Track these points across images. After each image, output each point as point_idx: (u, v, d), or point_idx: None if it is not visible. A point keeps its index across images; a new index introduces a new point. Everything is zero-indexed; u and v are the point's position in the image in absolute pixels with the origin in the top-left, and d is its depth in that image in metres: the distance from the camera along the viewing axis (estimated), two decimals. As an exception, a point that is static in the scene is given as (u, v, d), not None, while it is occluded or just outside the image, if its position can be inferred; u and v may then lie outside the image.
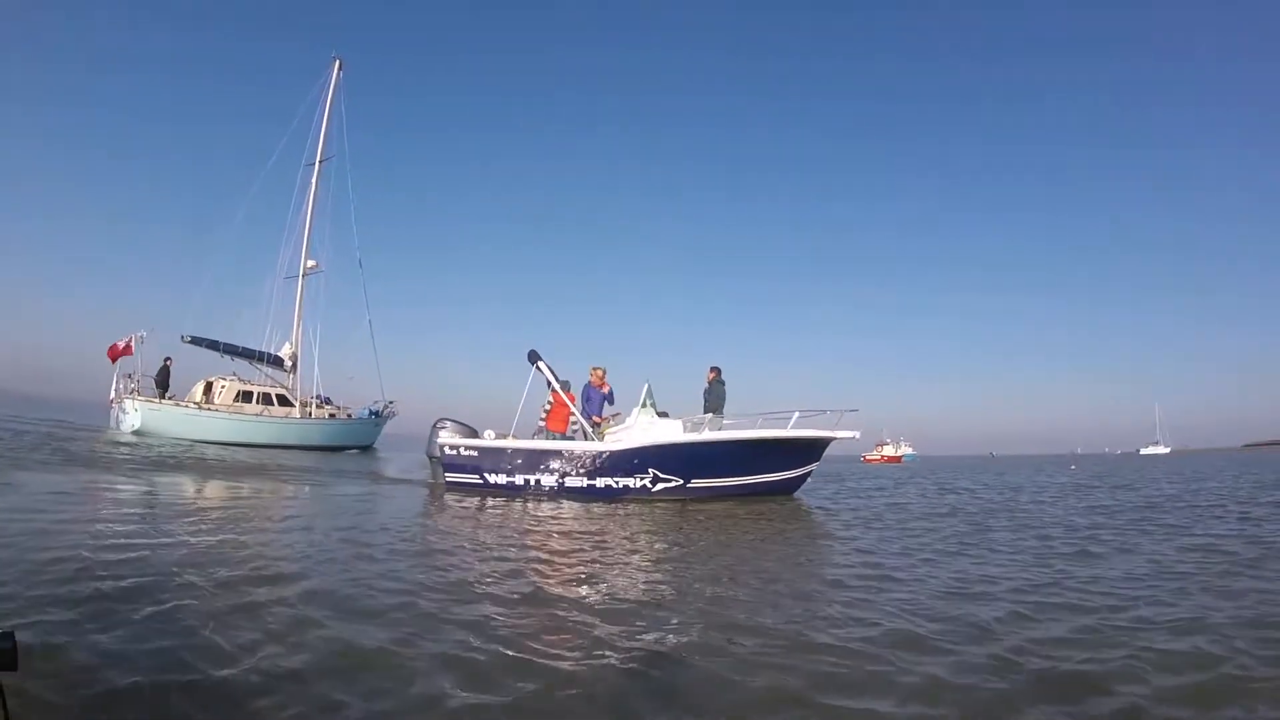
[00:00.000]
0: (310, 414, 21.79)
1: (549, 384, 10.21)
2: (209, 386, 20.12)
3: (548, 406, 10.20)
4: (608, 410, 10.26)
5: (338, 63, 23.92)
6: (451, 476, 9.74)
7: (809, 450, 10.18)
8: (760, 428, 9.99)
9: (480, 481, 9.66)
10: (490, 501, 8.66)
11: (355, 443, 22.57)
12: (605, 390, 10.30)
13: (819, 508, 9.27)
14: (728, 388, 10.51)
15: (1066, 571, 4.53)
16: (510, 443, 9.83)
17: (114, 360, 18.23)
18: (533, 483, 9.59)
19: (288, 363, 22.84)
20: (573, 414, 9.99)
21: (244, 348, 21.07)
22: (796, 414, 9.72)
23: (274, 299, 22.47)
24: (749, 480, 9.86)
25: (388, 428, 24.50)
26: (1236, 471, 20.65)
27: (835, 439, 10.09)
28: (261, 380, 21.55)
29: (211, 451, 14.32)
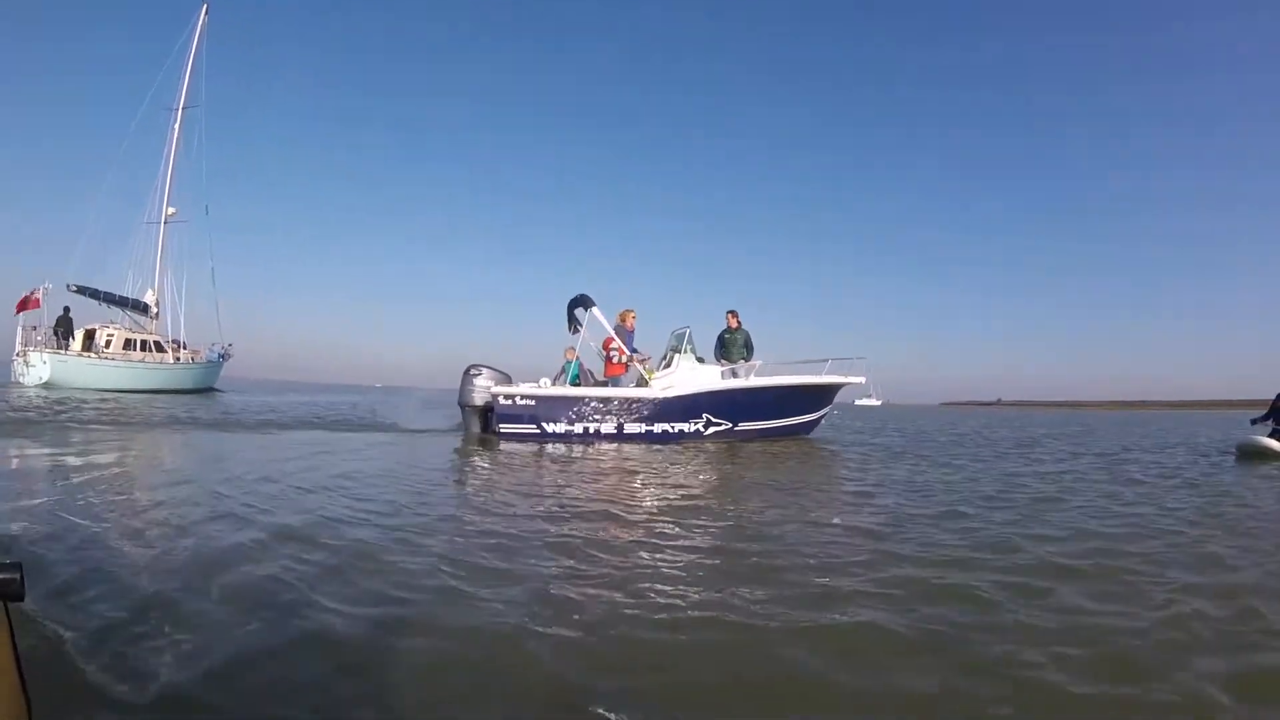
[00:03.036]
0: (178, 359, 21.82)
1: (573, 328, 10.12)
2: (90, 334, 19.22)
3: (604, 353, 10.03)
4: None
5: (205, 7, 22.96)
6: (507, 427, 9.26)
7: (828, 395, 11.15)
8: (789, 375, 10.71)
9: (538, 431, 9.30)
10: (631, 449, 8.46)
11: (208, 384, 23.13)
12: (632, 331, 10.35)
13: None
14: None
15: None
16: (570, 390, 9.56)
17: (20, 313, 17.87)
18: (591, 430, 9.47)
19: (153, 309, 21.69)
20: (629, 359, 9.93)
21: (120, 296, 20.37)
22: (830, 361, 10.57)
23: (140, 245, 21.97)
24: (784, 422, 10.59)
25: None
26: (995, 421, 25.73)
27: (847, 384, 11.14)
28: (135, 327, 20.72)
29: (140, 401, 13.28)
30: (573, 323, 10.28)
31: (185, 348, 22.10)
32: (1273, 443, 8.78)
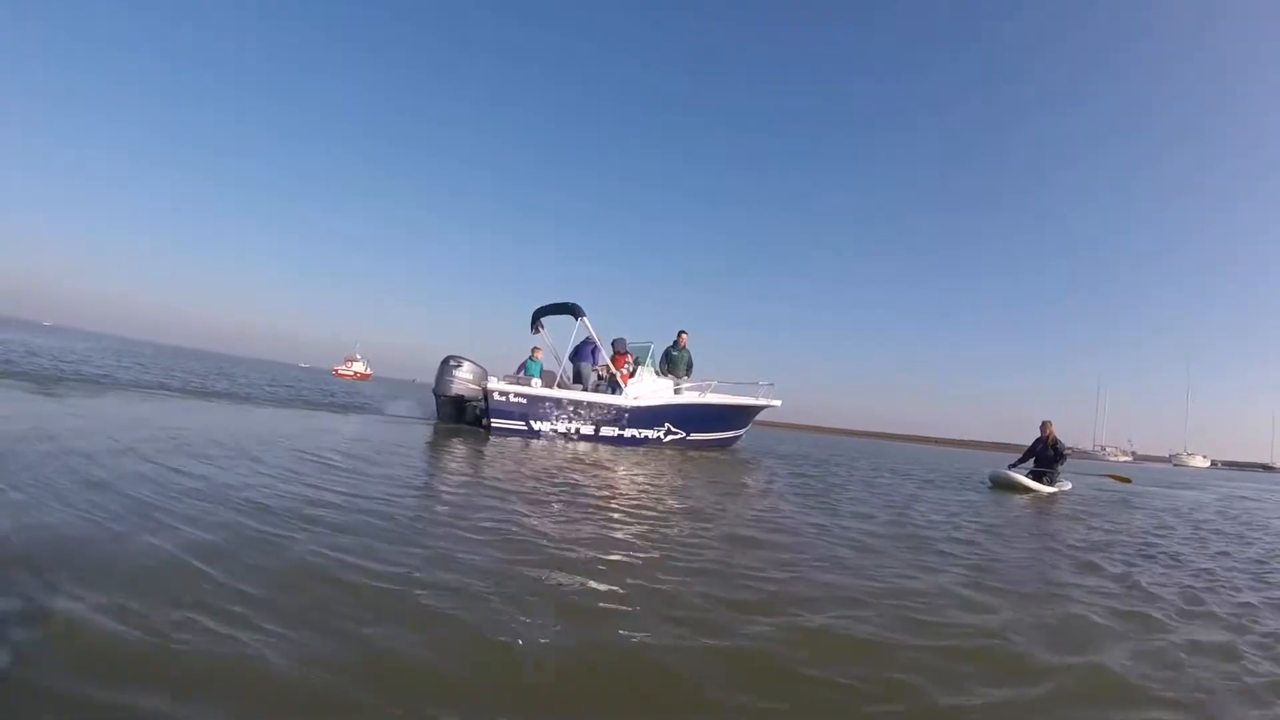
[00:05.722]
0: None
1: (535, 329, 11.05)
2: None
3: (607, 365, 10.74)
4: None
5: None
6: (499, 422, 9.47)
7: (752, 414, 12.94)
8: (729, 395, 12.25)
9: (525, 428, 9.65)
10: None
11: None
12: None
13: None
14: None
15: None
16: (559, 393, 10.01)
17: None
18: (573, 431, 10.06)
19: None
20: (612, 369, 10.71)
21: None
22: (761, 384, 12.38)
23: None
24: (723, 435, 12.14)
25: None
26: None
27: (769, 406, 13.04)
28: None
29: None
30: (535, 324, 11.33)
31: None
32: (1019, 477, 9.63)
